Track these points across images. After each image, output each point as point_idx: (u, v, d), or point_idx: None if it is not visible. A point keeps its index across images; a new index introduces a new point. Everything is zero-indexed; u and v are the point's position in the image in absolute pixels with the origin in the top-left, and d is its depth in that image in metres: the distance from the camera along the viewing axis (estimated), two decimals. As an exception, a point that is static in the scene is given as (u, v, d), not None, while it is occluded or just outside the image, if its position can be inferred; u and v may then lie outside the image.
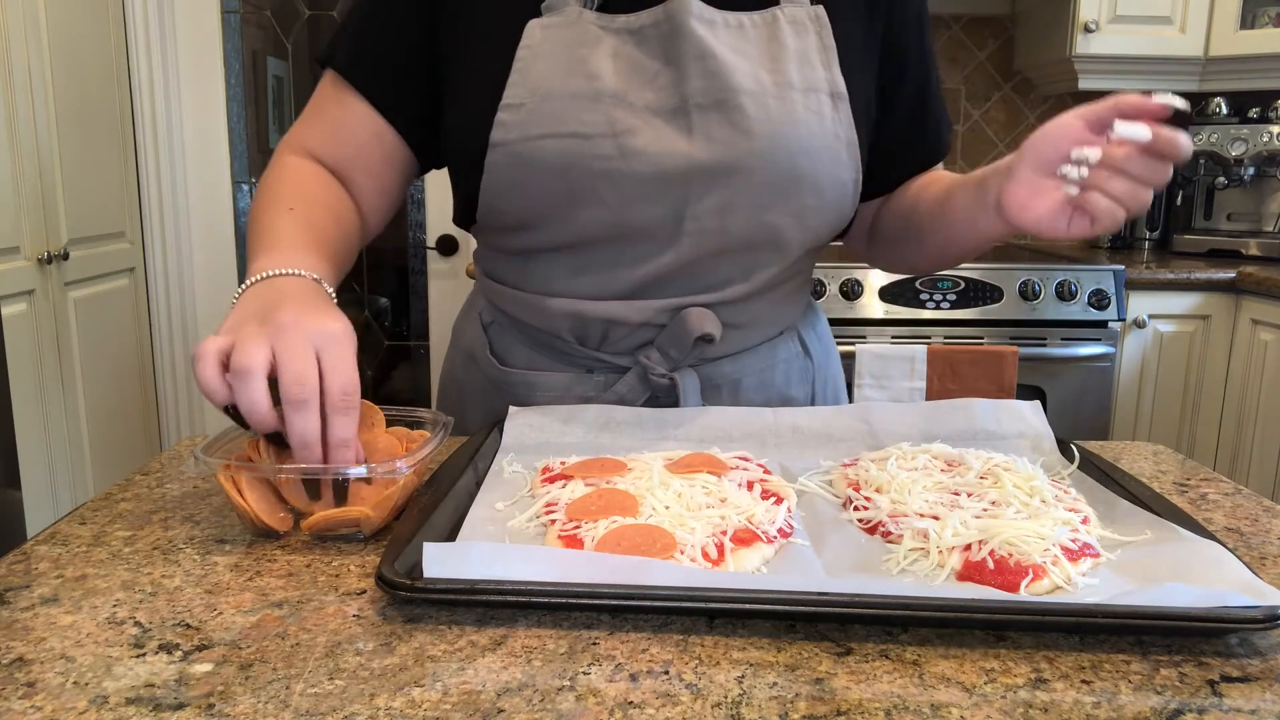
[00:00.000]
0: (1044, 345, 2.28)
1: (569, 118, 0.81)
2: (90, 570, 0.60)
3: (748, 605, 0.52)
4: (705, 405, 0.92)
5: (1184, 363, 2.41)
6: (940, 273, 2.25)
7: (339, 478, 0.66)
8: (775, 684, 0.47)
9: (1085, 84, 2.58)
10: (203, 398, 2.91)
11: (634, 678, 0.48)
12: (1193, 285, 2.36)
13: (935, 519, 0.63)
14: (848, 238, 1.04)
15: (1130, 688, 0.47)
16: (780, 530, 0.63)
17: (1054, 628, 0.52)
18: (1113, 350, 2.31)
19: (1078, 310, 2.28)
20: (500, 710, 0.45)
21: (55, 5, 2.34)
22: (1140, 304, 2.36)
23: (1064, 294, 2.28)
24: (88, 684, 0.47)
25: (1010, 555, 0.58)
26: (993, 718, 0.45)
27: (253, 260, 0.76)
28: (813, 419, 0.85)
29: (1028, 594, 0.56)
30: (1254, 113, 2.55)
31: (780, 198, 0.85)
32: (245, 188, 2.91)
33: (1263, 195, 2.68)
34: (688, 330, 0.88)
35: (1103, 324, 2.30)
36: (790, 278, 0.95)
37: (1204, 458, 2.42)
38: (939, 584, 0.57)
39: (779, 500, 0.68)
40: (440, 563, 0.54)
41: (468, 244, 2.88)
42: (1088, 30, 2.48)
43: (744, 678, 0.48)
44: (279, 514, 0.65)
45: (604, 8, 0.85)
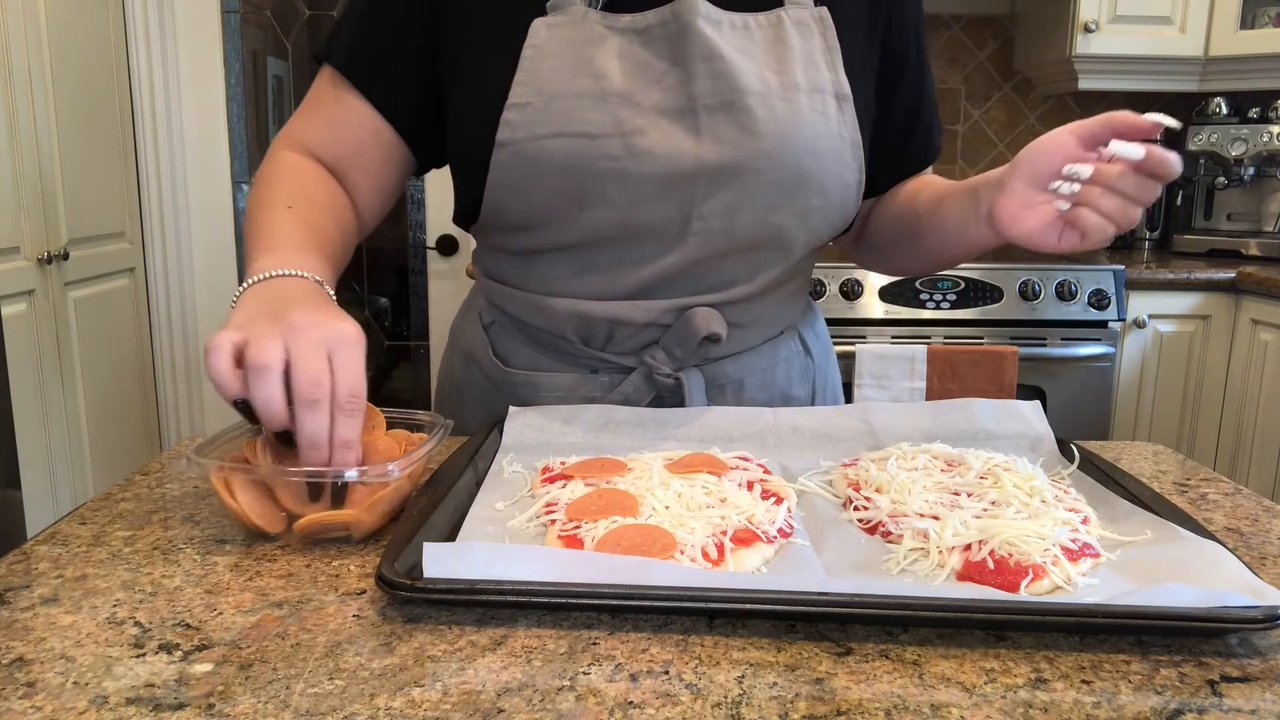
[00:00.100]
0: (1044, 345, 2.28)
1: (576, 117, 0.81)
2: (90, 570, 0.60)
3: (748, 605, 0.52)
4: (708, 405, 0.92)
5: (1184, 363, 2.41)
6: (940, 273, 2.25)
7: (327, 480, 0.65)
8: (775, 684, 0.47)
9: (1085, 84, 2.58)
10: (202, 398, 2.94)
11: (634, 678, 0.48)
12: (1193, 285, 2.36)
13: (935, 519, 0.63)
14: (837, 239, 1.04)
15: (1130, 688, 0.47)
16: (780, 530, 0.63)
17: (1054, 628, 0.52)
18: (1113, 350, 2.31)
19: (1078, 310, 2.28)
20: (500, 710, 0.45)
21: (55, 5, 2.34)
22: (1140, 304, 2.36)
23: (1064, 294, 2.28)
24: (88, 684, 0.47)
25: (1010, 555, 0.58)
26: (993, 718, 0.45)
27: (253, 259, 0.76)
28: (813, 419, 0.85)
29: (1028, 594, 0.56)
30: (1254, 113, 2.55)
31: (786, 198, 0.85)
32: (245, 188, 2.91)
33: (1263, 195, 2.68)
34: (694, 330, 0.88)
35: (1103, 324, 2.30)
36: (792, 277, 0.96)
37: (1204, 458, 2.42)
38: (939, 584, 0.57)
39: (779, 500, 0.68)
40: (440, 563, 0.54)
41: (468, 244, 2.88)
42: (1088, 30, 2.48)
43: (744, 678, 0.48)
44: (271, 516, 0.65)
45: (608, 7, 0.85)
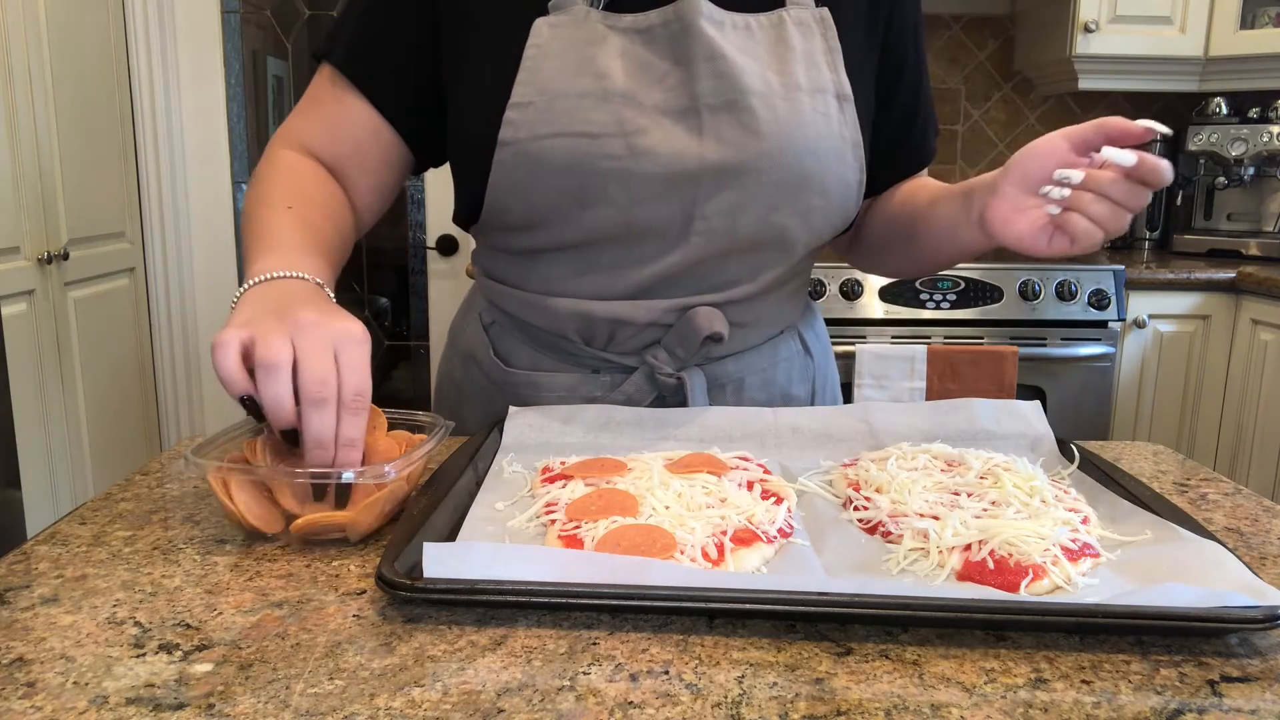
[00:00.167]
0: (1044, 345, 2.28)
1: (578, 117, 0.81)
2: (90, 570, 0.60)
3: (748, 605, 0.52)
4: (709, 404, 0.92)
5: (1184, 363, 2.41)
6: (940, 273, 2.25)
7: (323, 481, 0.65)
8: (775, 684, 0.47)
9: (1085, 84, 2.58)
10: (202, 398, 2.94)
11: (634, 678, 0.48)
12: (1193, 285, 2.36)
13: (935, 519, 0.63)
14: (833, 241, 1.04)
15: (1130, 688, 0.47)
16: (780, 530, 0.63)
17: (1054, 628, 0.52)
18: (1113, 350, 2.31)
19: (1078, 310, 2.28)
20: (500, 710, 0.45)
21: (55, 5, 2.34)
22: (1140, 304, 2.36)
23: (1064, 294, 2.28)
24: (88, 684, 0.47)
25: (1010, 555, 0.58)
26: (993, 718, 0.45)
27: (253, 260, 0.76)
28: (813, 419, 0.85)
29: (1028, 594, 0.56)
30: (1254, 113, 2.55)
31: (788, 198, 0.85)
32: (245, 187, 2.91)
33: (1263, 195, 2.68)
34: (696, 329, 0.88)
35: (1103, 324, 2.30)
36: (793, 277, 0.96)
37: (1204, 458, 2.42)
38: (939, 584, 0.57)
39: (779, 500, 0.68)
40: (440, 563, 0.54)
41: (467, 244, 2.88)
42: (1088, 30, 2.47)
43: (744, 678, 0.48)
44: (269, 516, 0.65)
45: (610, 6, 0.85)
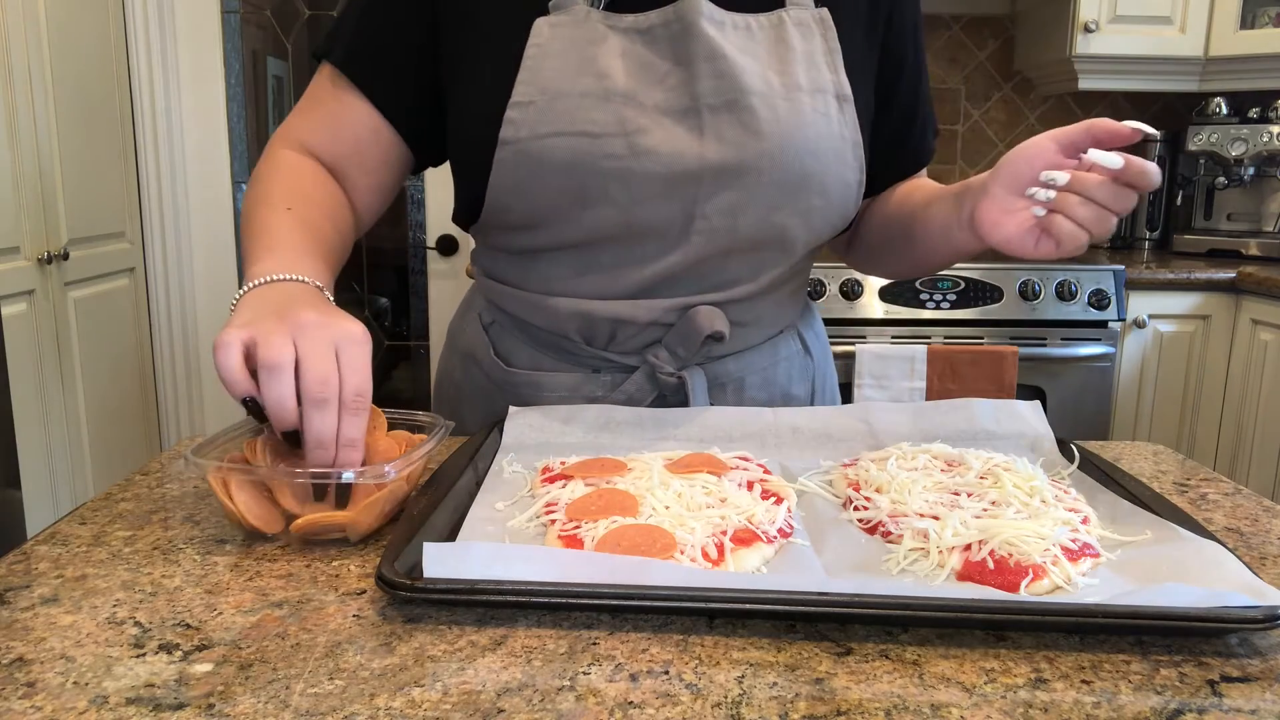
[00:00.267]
0: (1044, 345, 2.28)
1: (579, 116, 0.81)
2: (90, 570, 0.60)
3: (748, 605, 0.52)
4: (710, 403, 0.92)
5: (1184, 363, 2.41)
6: (940, 273, 2.25)
7: (323, 481, 0.65)
8: (775, 684, 0.47)
9: (1085, 84, 2.58)
10: (202, 398, 2.94)
11: (634, 678, 0.48)
12: (1193, 285, 2.36)
13: (935, 519, 0.63)
14: (831, 242, 1.04)
15: (1130, 688, 0.47)
16: (780, 530, 0.63)
17: (1054, 628, 0.52)
18: (1113, 350, 2.31)
19: (1078, 310, 2.28)
20: (500, 710, 0.45)
21: (55, 5, 2.34)
22: (1140, 304, 2.36)
23: (1064, 294, 2.28)
24: (88, 684, 0.47)
25: (1010, 555, 0.58)
26: (993, 718, 0.45)
27: (252, 261, 0.76)
28: (813, 419, 0.85)
29: (1028, 594, 0.56)
30: (1254, 113, 2.55)
31: (788, 198, 0.85)
32: (245, 187, 2.90)
33: (1263, 195, 2.68)
34: (697, 328, 0.88)
35: (1103, 324, 2.30)
36: (793, 277, 0.96)
37: (1204, 458, 2.42)
38: (939, 584, 0.57)
39: (779, 500, 0.68)
40: (440, 563, 0.54)
41: (467, 244, 2.88)
42: (1088, 30, 2.47)
43: (744, 678, 0.48)
44: (269, 516, 0.65)
45: (611, 6, 0.85)
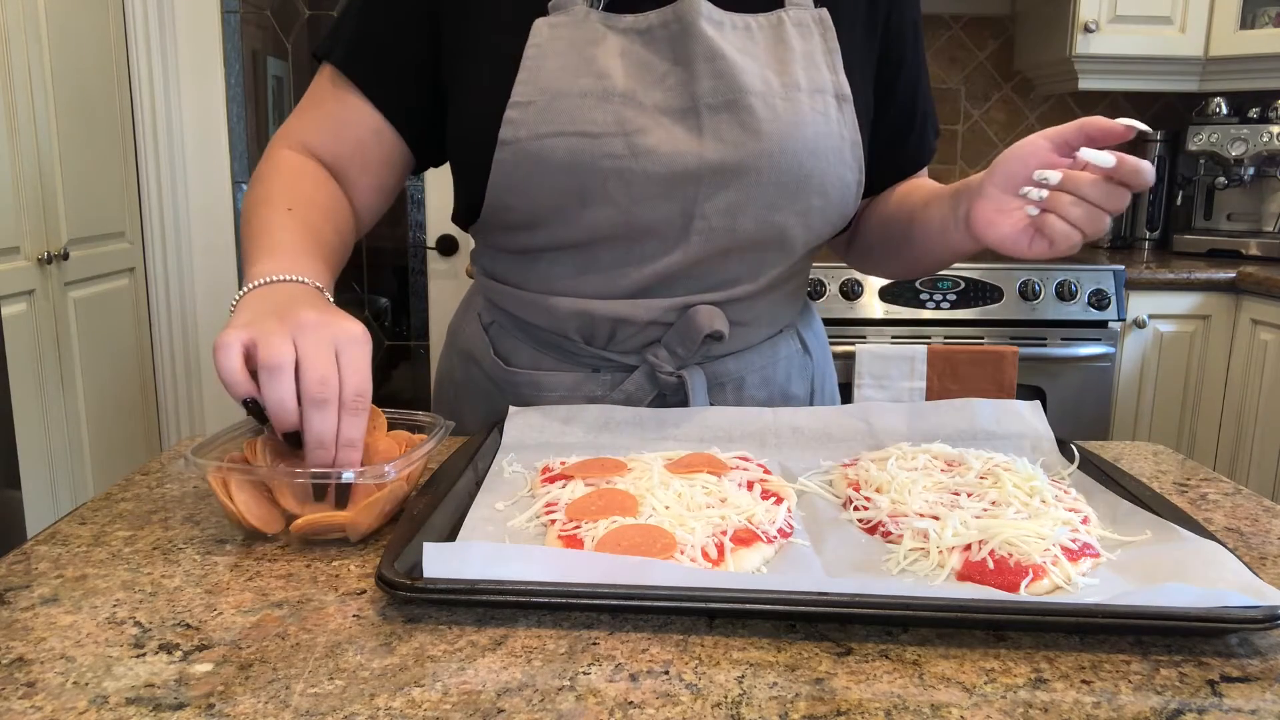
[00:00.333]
0: (1044, 345, 2.28)
1: (579, 116, 0.82)
2: (90, 570, 0.60)
3: (748, 605, 0.52)
4: (710, 403, 0.92)
5: (1184, 363, 2.41)
6: (940, 273, 2.25)
7: (324, 481, 0.65)
8: (775, 684, 0.47)
9: (1085, 84, 2.58)
10: (202, 398, 2.94)
11: (634, 678, 0.48)
12: (1193, 285, 2.36)
13: (935, 519, 0.63)
14: (831, 241, 1.04)
15: (1130, 688, 0.47)
16: (780, 530, 0.63)
17: (1054, 628, 0.52)
18: (1113, 350, 2.30)
19: (1078, 310, 2.28)
20: (500, 710, 0.45)
21: (55, 5, 2.34)
22: (1140, 304, 2.36)
23: (1064, 294, 2.28)
24: (88, 684, 0.47)
25: (1010, 555, 0.58)
26: (993, 718, 0.45)
27: (252, 262, 0.76)
28: (813, 419, 0.85)
29: (1028, 594, 0.56)
30: (1254, 113, 2.55)
31: (787, 198, 0.85)
32: (245, 187, 2.90)
33: (1263, 195, 2.68)
34: (696, 327, 0.88)
35: (1103, 324, 2.30)
36: (792, 277, 0.96)
37: (1204, 458, 2.42)
38: (939, 584, 0.57)
39: (779, 500, 0.67)
40: (440, 563, 0.54)
41: (467, 244, 2.88)
42: (1088, 30, 2.47)
43: (744, 678, 0.48)
44: (269, 516, 0.65)
45: (610, 7, 0.85)
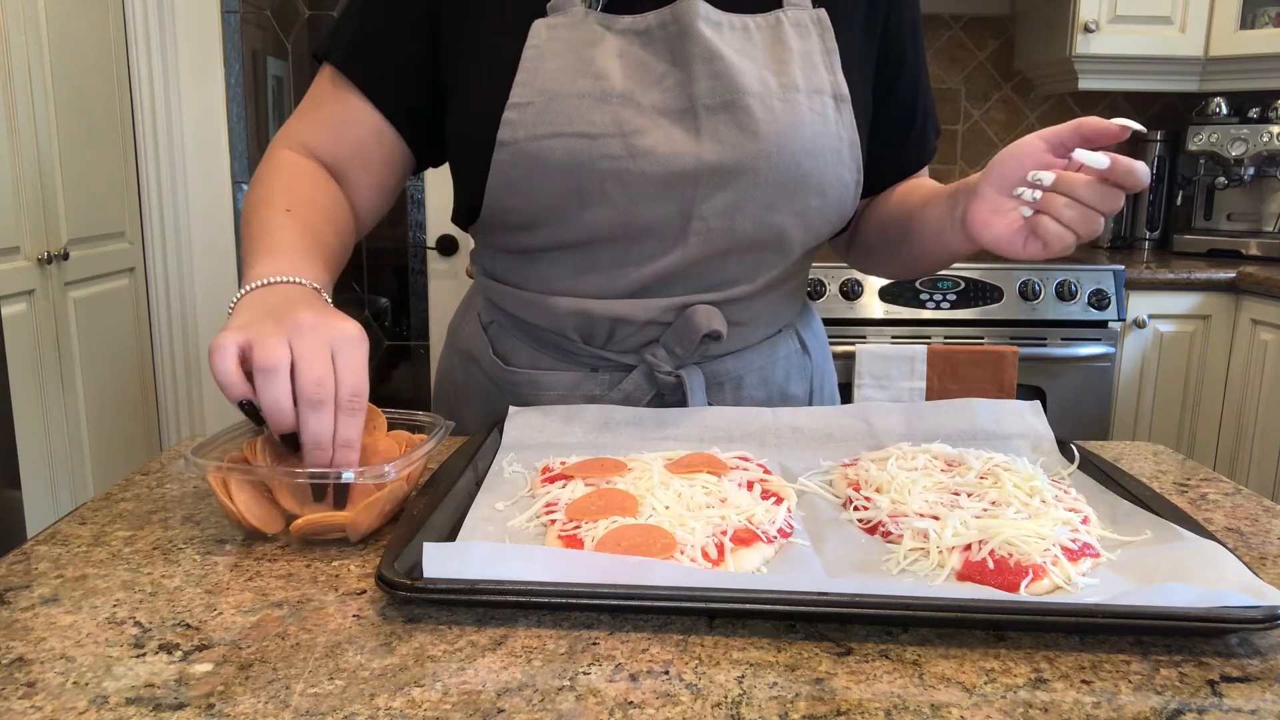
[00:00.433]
0: (1044, 345, 2.28)
1: (577, 117, 0.82)
2: (90, 570, 0.60)
3: (748, 605, 0.52)
4: (708, 402, 0.92)
5: (1184, 363, 2.41)
6: (940, 273, 2.25)
7: (324, 481, 0.65)
8: (775, 684, 0.47)
9: (1085, 84, 2.58)
10: (202, 398, 2.94)
11: (634, 678, 0.48)
12: (1193, 285, 2.36)
13: (935, 519, 0.63)
14: (830, 241, 1.04)
15: (1130, 688, 0.47)
16: (780, 530, 0.63)
17: (1054, 628, 0.52)
18: (1113, 350, 2.30)
19: (1078, 310, 2.28)
20: (500, 710, 0.45)
21: (55, 5, 2.34)
22: (1140, 304, 2.36)
23: (1064, 294, 2.28)
24: (88, 684, 0.47)
25: (1010, 555, 0.58)
26: (993, 718, 0.45)
27: (251, 264, 0.76)
28: (813, 419, 0.85)
29: (1028, 594, 0.56)
30: (1254, 113, 2.55)
31: (785, 198, 0.86)
32: (245, 187, 2.91)
33: (1263, 195, 2.68)
34: (694, 327, 0.88)
35: (1103, 324, 2.30)
36: (791, 277, 0.96)
37: (1204, 458, 2.42)
38: (939, 584, 0.57)
39: (779, 500, 0.67)
40: (440, 563, 0.54)
41: (467, 244, 2.88)
42: (1088, 30, 2.47)
43: (744, 678, 0.48)
44: (269, 516, 0.65)
45: (608, 8, 0.85)
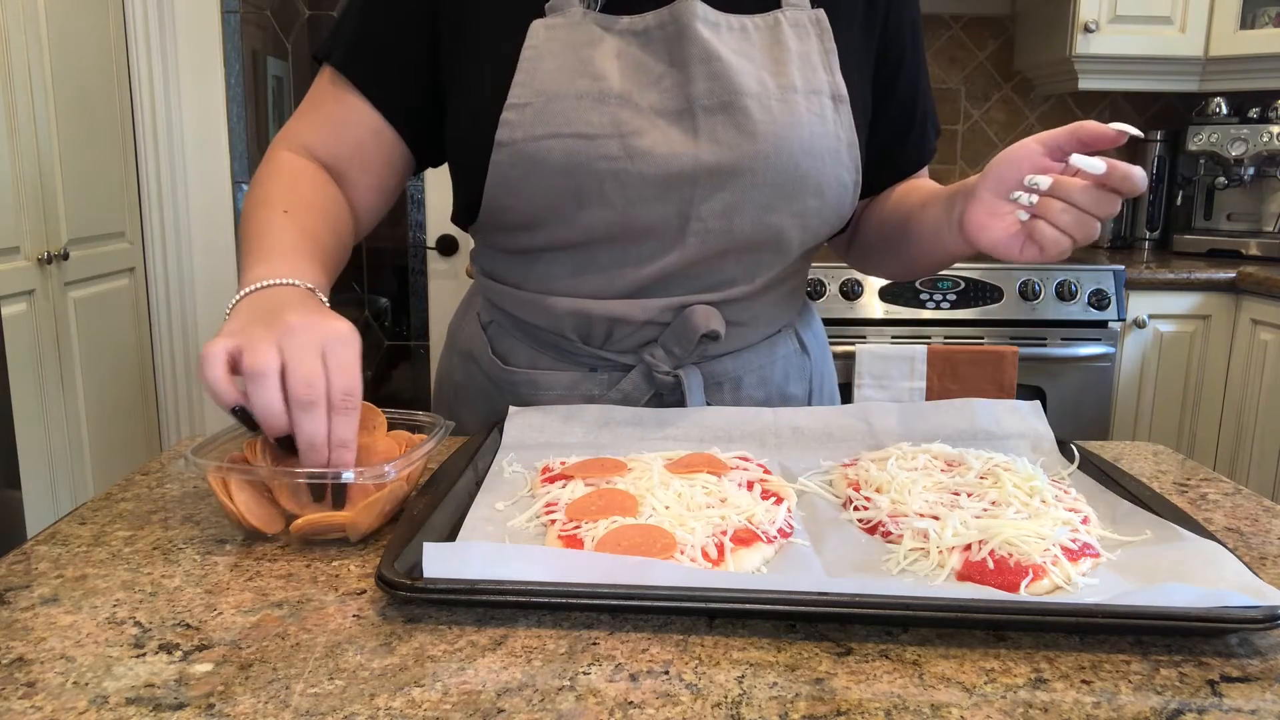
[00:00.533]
0: (1044, 345, 2.28)
1: (575, 118, 0.82)
2: (90, 570, 0.60)
3: (748, 605, 0.52)
4: (707, 402, 0.92)
5: (1184, 363, 2.41)
6: (940, 273, 2.26)
7: (324, 481, 0.65)
8: (775, 684, 0.47)
9: (1085, 84, 2.58)
10: (202, 398, 2.94)
11: (634, 678, 0.48)
12: (1193, 285, 2.36)
13: (935, 519, 0.63)
14: (830, 241, 1.04)
15: (1130, 688, 0.47)
16: (780, 530, 0.63)
17: (1054, 628, 0.52)
18: (1113, 350, 2.30)
19: (1078, 310, 2.28)
20: (500, 710, 0.45)
21: (55, 5, 2.34)
22: (1140, 304, 2.36)
23: (1064, 294, 2.28)
24: (88, 684, 0.47)
25: (1010, 555, 0.58)
26: (993, 718, 0.45)
27: (248, 267, 0.76)
28: (813, 419, 0.85)
29: (1028, 594, 0.56)
30: (1254, 113, 2.55)
31: (783, 199, 0.85)
32: (245, 188, 2.91)
33: (1263, 195, 2.68)
34: (693, 327, 0.88)
35: (1103, 324, 2.30)
36: (790, 277, 0.96)
37: (1204, 458, 2.42)
38: (939, 584, 0.57)
39: (779, 500, 0.67)
40: (440, 563, 0.54)
41: (467, 244, 2.88)
42: (1088, 30, 2.47)
43: (744, 678, 0.48)
44: (269, 516, 0.65)
45: (607, 9, 0.85)
